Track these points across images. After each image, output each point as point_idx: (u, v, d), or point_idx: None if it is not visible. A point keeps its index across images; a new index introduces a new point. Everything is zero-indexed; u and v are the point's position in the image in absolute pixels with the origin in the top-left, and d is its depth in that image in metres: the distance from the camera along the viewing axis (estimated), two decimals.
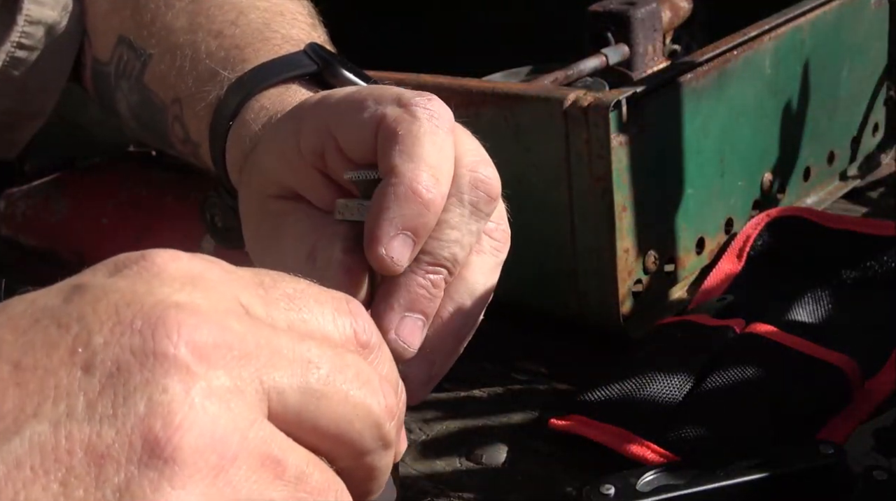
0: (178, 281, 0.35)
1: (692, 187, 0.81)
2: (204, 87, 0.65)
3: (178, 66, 0.68)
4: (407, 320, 0.49)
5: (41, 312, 0.35)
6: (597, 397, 0.70)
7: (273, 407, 0.35)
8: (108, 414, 0.32)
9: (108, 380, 0.32)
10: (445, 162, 0.48)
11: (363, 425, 0.37)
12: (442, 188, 0.48)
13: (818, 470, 0.61)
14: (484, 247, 0.52)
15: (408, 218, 0.47)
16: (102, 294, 0.34)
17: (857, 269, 0.82)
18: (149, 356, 0.33)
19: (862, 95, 0.99)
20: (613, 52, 0.89)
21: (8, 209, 0.95)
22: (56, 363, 0.33)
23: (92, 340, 0.33)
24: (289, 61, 0.63)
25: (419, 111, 0.48)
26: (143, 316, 0.33)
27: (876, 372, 0.71)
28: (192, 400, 0.32)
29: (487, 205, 0.50)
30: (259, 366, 0.34)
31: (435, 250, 0.49)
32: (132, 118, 0.75)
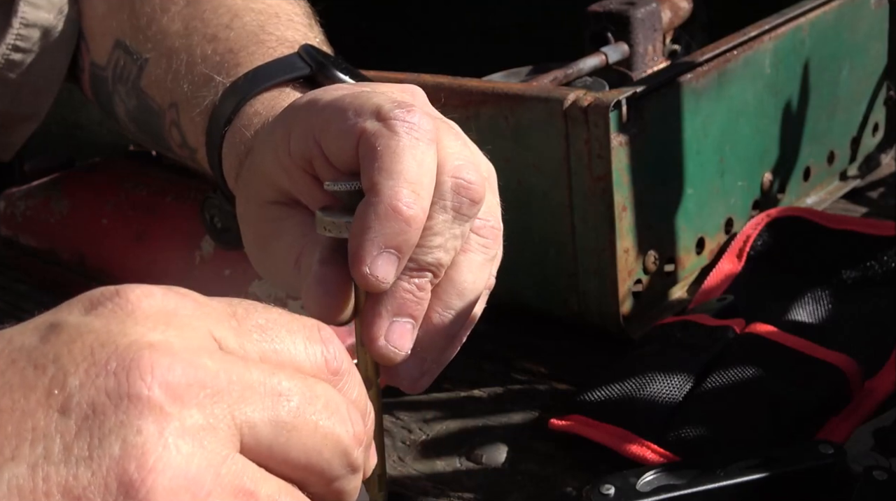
0: (152, 319, 0.36)
1: (692, 187, 0.81)
2: (199, 93, 0.65)
3: (174, 70, 0.68)
4: (395, 325, 0.49)
5: (18, 352, 0.35)
6: (597, 397, 0.70)
7: (245, 440, 0.35)
8: (84, 456, 0.33)
9: (84, 422, 0.33)
10: (426, 175, 0.48)
11: (332, 454, 0.38)
12: (423, 202, 0.48)
13: (818, 470, 0.61)
14: (471, 246, 0.52)
15: (390, 236, 0.47)
16: (77, 334, 0.35)
17: (857, 269, 0.82)
18: (123, 398, 0.33)
19: (862, 95, 0.99)
20: (613, 50, 0.89)
21: (8, 209, 0.95)
22: (33, 405, 0.33)
23: (68, 382, 0.33)
24: (282, 64, 0.63)
25: (398, 125, 0.48)
26: (118, 357, 0.34)
27: (876, 372, 0.71)
28: (165, 441, 0.33)
29: (471, 209, 0.50)
30: (231, 402, 0.35)
31: (419, 256, 0.49)
32: (130, 122, 0.75)
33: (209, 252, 0.79)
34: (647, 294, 0.80)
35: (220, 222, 0.75)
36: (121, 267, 0.86)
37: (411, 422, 0.74)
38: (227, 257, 0.77)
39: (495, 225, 0.53)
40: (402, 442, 0.72)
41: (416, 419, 0.74)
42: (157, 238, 0.83)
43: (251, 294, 0.75)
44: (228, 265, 0.77)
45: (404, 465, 0.70)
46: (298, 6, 0.72)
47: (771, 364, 0.69)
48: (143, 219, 0.85)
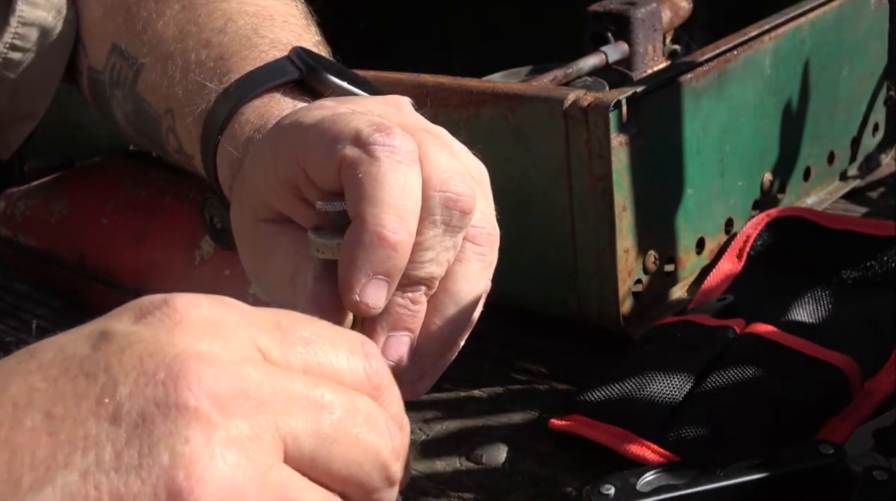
0: (199, 329, 0.37)
1: (692, 187, 0.81)
2: (193, 99, 0.65)
3: (169, 75, 0.67)
4: (392, 339, 0.50)
5: (70, 361, 0.36)
6: (597, 397, 0.70)
7: (289, 451, 0.36)
8: (133, 465, 0.33)
9: (134, 431, 0.34)
10: (409, 197, 0.48)
11: (371, 467, 0.38)
12: (408, 226, 0.48)
13: (818, 470, 0.61)
14: (467, 255, 0.51)
15: (377, 263, 0.48)
16: (127, 343, 0.36)
17: (857, 269, 0.82)
18: (171, 408, 0.34)
19: (862, 95, 0.99)
20: (613, 49, 0.89)
21: (8, 209, 0.95)
22: (85, 413, 0.34)
23: (118, 391, 0.34)
24: (272, 69, 0.62)
25: (377, 150, 0.48)
26: (166, 367, 0.35)
27: (876, 372, 0.71)
28: (212, 451, 0.34)
29: (462, 220, 0.50)
30: (275, 413, 0.36)
31: (411, 271, 0.49)
32: (128, 126, 0.75)
33: (209, 252, 0.79)
34: (647, 294, 0.80)
35: (219, 222, 0.75)
36: (121, 267, 0.86)
37: (411, 422, 0.74)
38: (227, 257, 0.77)
39: (491, 231, 0.52)
40: None
41: (416, 419, 0.74)
42: (157, 238, 0.83)
43: (251, 295, 0.75)
44: (228, 265, 0.77)
45: None
46: (295, 7, 0.71)
47: (771, 364, 0.69)
48: (143, 219, 0.85)
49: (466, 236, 0.51)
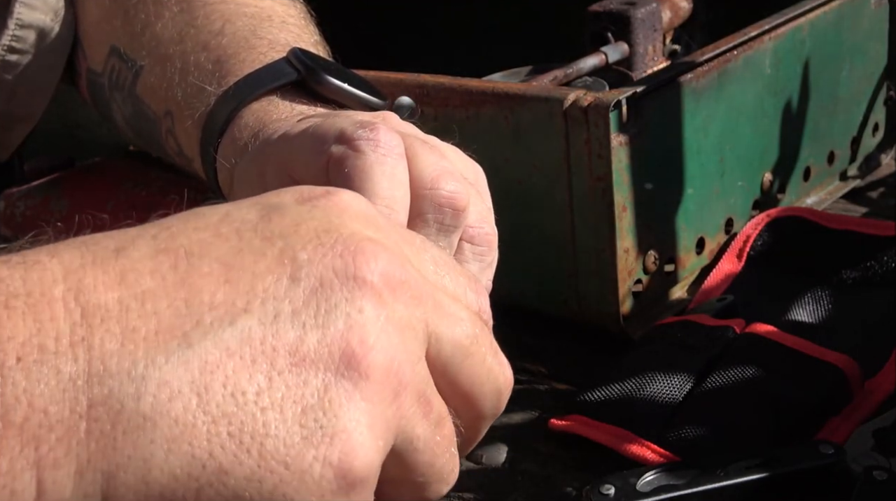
0: (363, 219, 0.39)
1: (692, 187, 0.81)
2: (192, 102, 0.65)
3: (168, 78, 0.67)
4: None
5: (242, 223, 0.38)
6: (597, 397, 0.70)
7: (430, 350, 0.38)
8: (311, 323, 0.35)
9: (312, 294, 0.36)
10: (398, 189, 0.48)
11: (490, 390, 0.41)
12: (398, 216, 0.48)
13: (818, 470, 0.61)
14: (465, 255, 0.51)
15: None
16: (300, 218, 0.38)
17: (857, 269, 0.82)
18: (349, 278, 0.36)
19: (862, 95, 0.99)
20: (613, 49, 0.89)
21: (8, 209, 0.95)
22: (263, 269, 0.36)
23: (297, 256, 0.36)
24: (270, 71, 0.62)
25: (362, 145, 0.48)
26: (343, 242, 0.37)
27: (876, 372, 0.71)
28: (382, 324, 0.36)
29: (455, 219, 0.49)
30: (426, 310, 0.38)
31: None
32: (128, 128, 0.75)
33: None
34: (647, 294, 0.80)
35: None
36: None
37: None
38: None
39: (489, 230, 0.52)
40: None
41: None
42: None
43: None
44: None
45: None
46: (294, 7, 0.71)
47: (771, 364, 0.69)
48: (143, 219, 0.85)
49: (463, 237, 0.51)
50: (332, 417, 0.35)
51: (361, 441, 0.35)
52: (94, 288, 0.36)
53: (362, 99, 0.60)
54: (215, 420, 0.34)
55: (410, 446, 0.38)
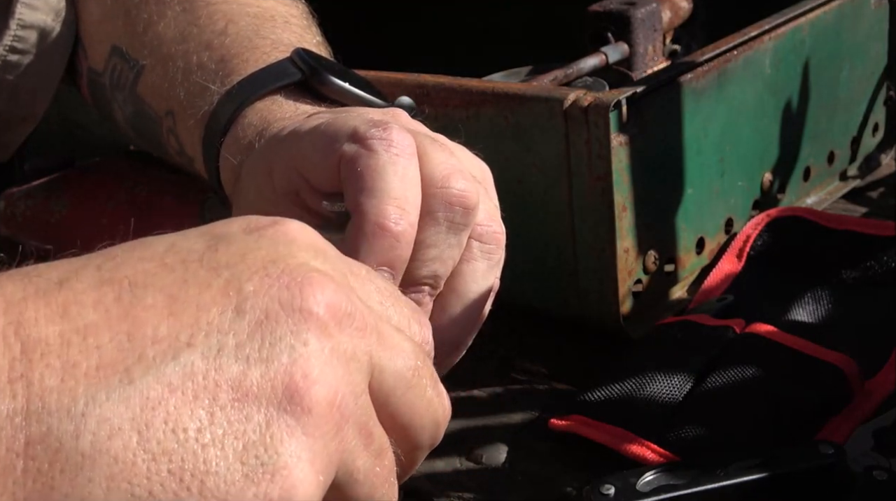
0: (311, 250, 0.38)
1: (692, 187, 0.81)
2: (195, 102, 0.65)
3: (170, 77, 0.67)
4: None
5: (187, 253, 0.37)
6: (597, 397, 0.70)
7: (373, 382, 0.38)
8: (255, 357, 0.35)
9: (257, 326, 0.35)
10: (410, 189, 0.48)
11: (429, 421, 0.40)
12: (410, 217, 0.48)
13: (818, 470, 0.61)
14: (473, 254, 0.51)
15: (380, 253, 0.47)
16: (247, 248, 0.37)
17: (857, 269, 0.82)
18: (295, 310, 0.36)
19: (862, 95, 0.99)
20: (613, 50, 0.89)
21: (8, 209, 0.95)
22: (208, 301, 0.35)
23: (243, 287, 0.36)
24: (274, 71, 0.62)
25: (375, 144, 0.48)
26: (290, 273, 0.36)
27: (876, 372, 0.71)
28: (326, 357, 0.36)
29: (465, 217, 0.49)
30: (370, 342, 0.37)
31: (414, 271, 0.49)
32: (129, 128, 0.75)
33: None
34: (647, 294, 0.80)
35: None
36: None
37: None
38: None
39: (497, 229, 0.52)
40: None
41: None
42: None
43: None
44: None
45: None
46: (296, 7, 0.71)
47: (771, 364, 0.69)
48: (143, 220, 0.85)
49: (472, 235, 0.51)
50: (273, 453, 0.34)
51: (302, 477, 0.35)
52: (36, 322, 0.35)
53: (365, 100, 0.60)
54: (156, 458, 0.33)
55: (351, 478, 0.38)
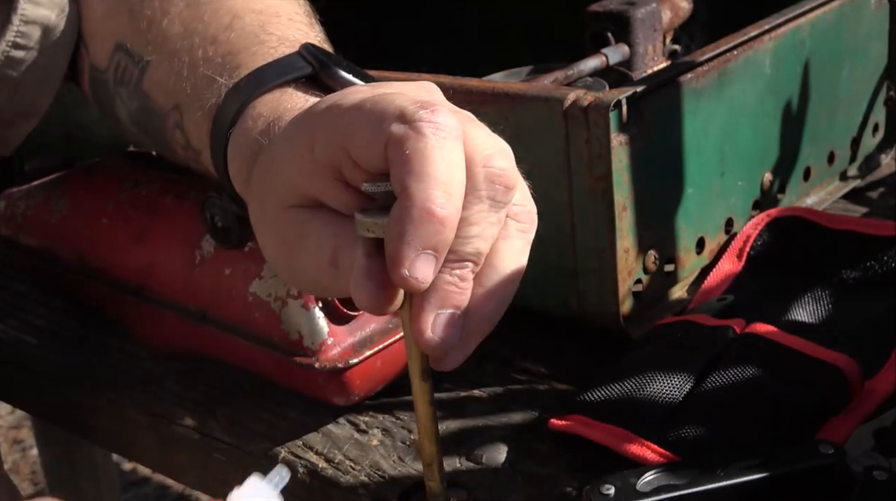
0: None
1: (692, 187, 0.81)
2: (202, 95, 0.65)
3: (175, 72, 0.68)
4: (441, 317, 0.50)
5: None
6: (597, 397, 0.70)
7: None
8: None
9: None
10: (456, 173, 0.49)
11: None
12: (455, 201, 0.48)
13: (818, 470, 0.61)
14: (510, 232, 0.52)
15: (425, 237, 0.48)
16: None
17: (857, 269, 0.82)
18: None
19: (862, 95, 0.99)
20: (613, 51, 0.89)
21: (8, 209, 0.95)
22: None
23: None
24: (284, 64, 0.63)
25: (424, 126, 0.48)
26: None
27: (876, 372, 0.71)
28: None
29: (505, 195, 0.50)
30: None
31: (458, 247, 0.49)
32: (132, 124, 0.75)
33: (209, 251, 0.79)
34: (647, 294, 0.80)
35: (220, 221, 0.75)
36: (121, 267, 0.86)
37: (411, 422, 0.74)
38: (227, 256, 0.77)
39: (531, 208, 0.53)
40: (402, 442, 0.72)
41: None
42: (157, 238, 0.83)
43: (251, 293, 0.75)
44: (228, 264, 0.77)
45: (404, 465, 0.70)
46: (298, 5, 0.72)
47: (771, 364, 0.69)
48: (143, 219, 0.85)
49: (509, 214, 0.52)
50: None
51: None
52: None
53: None
54: None
55: None
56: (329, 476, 0.71)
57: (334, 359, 0.71)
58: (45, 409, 0.94)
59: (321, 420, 0.75)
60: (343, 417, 0.75)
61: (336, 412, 0.76)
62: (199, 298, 0.79)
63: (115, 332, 0.89)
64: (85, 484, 1.61)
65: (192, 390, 0.81)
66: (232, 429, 0.77)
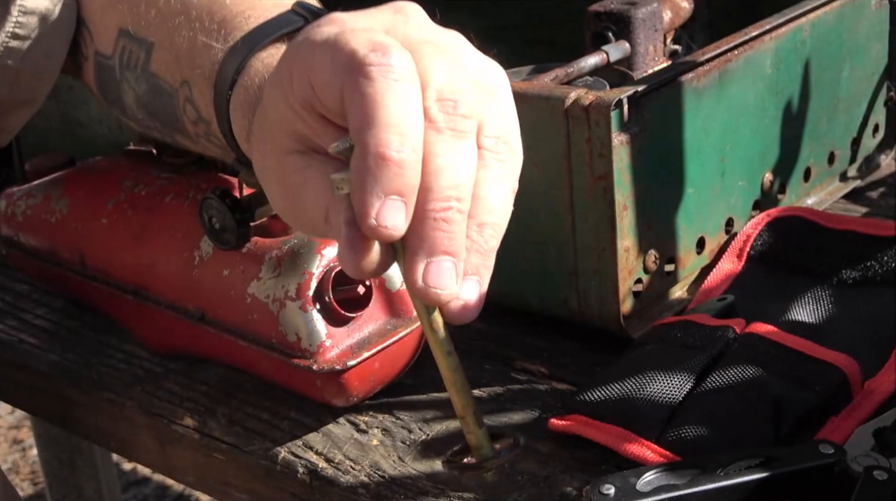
0: None
1: (693, 187, 0.81)
2: (202, 63, 0.66)
3: (178, 48, 0.68)
4: (431, 265, 0.48)
5: None
6: (597, 397, 0.70)
7: None
8: None
9: None
10: (410, 113, 0.48)
11: None
12: (411, 142, 0.47)
13: (818, 470, 0.61)
14: (487, 162, 0.50)
15: (386, 183, 0.47)
16: None
17: (857, 269, 0.82)
18: None
19: (862, 96, 0.99)
20: (614, 49, 0.89)
21: (8, 208, 0.95)
22: None
23: None
24: (278, 22, 0.63)
25: (373, 71, 0.48)
26: None
27: (876, 372, 0.71)
28: None
29: (465, 123, 0.49)
30: None
31: (431, 183, 0.48)
32: (140, 108, 0.75)
33: (208, 252, 0.79)
34: (648, 293, 0.80)
35: (218, 223, 0.75)
36: (121, 266, 0.86)
37: (411, 422, 0.74)
38: (226, 257, 0.77)
39: (506, 138, 0.51)
40: (402, 442, 0.72)
41: (416, 419, 0.74)
42: (157, 238, 0.83)
43: (249, 295, 0.75)
44: (227, 265, 0.77)
45: (404, 465, 0.70)
46: None
47: (771, 364, 0.69)
48: (142, 219, 0.85)
49: (481, 145, 0.50)
50: None
51: None
52: None
53: None
54: None
55: None
56: (329, 476, 0.70)
57: (332, 361, 0.71)
58: (45, 409, 0.94)
59: (321, 420, 0.75)
60: (343, 417, 0.75)
61: (336, 412, 0.76)
62: (197, 299, 0.79)
63: (115, 332, 0.89)
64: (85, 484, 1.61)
65: (191, 390, 0.81)
66: (232, 429, 0.77)
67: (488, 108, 0.51)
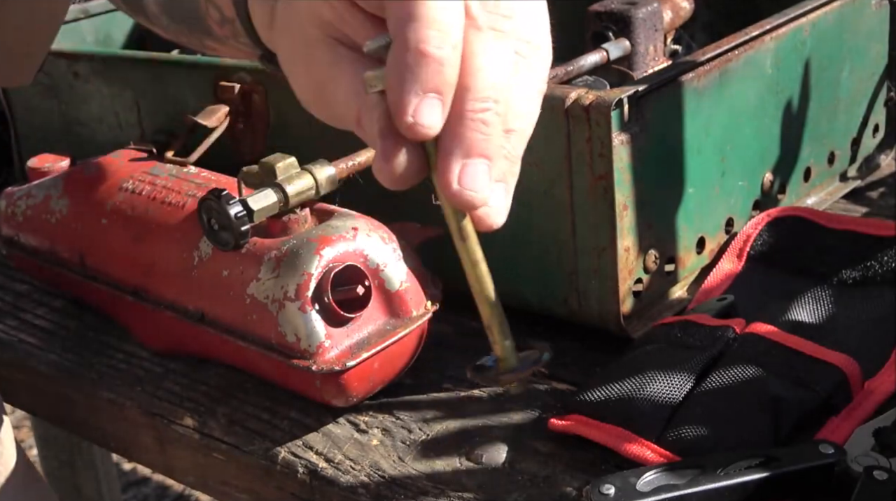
0: None
1: (693, 186, 0.81)
2: None
3: None
4: (467, 167, 0.47)
5: None
6: (597, 397, 0.70)
7: None
8: None
9: None
10: (451, 10, 0.47)
11: None
12: (452, 39, 0.46)
13: (818, 470, 0.61)
14: (519, 66, 0.49)
15: (425, 80, 0.46)
16: None
17: (857, 269, 0.82)
18: None
19: (862, 96, 0.99)
20: (614, 47, 0.89)
21: (8, 208, 0.95)
22: None
23: None
24: None
25: None
26: None
27: (876, 372, 0.71)
28: None
29: (506, 23, 0.48)
30: None
31: (470, 83, 0.47)
32: (163, 14, 0.73)
33: (207, 253, 0.79)
34: (648, 293, 0.80)
35: (216, 224, 0.75)
36: (121, 267, 0.86)
37: (411, 422, 0.74)
38: (225, 258, 0.77)
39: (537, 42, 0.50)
40: (402, 442, 0.72)
41: (416, 419, 0.74)
42: (157, 238, 0.83)
43: (249, 295, 0.75)
44: (227, 266, 0.77)
45: (404, 465, 0.70)
46: None
47: (771, 364, 0.69)
48: (142, 220, 0.85)
49: (517, 51, 0.49)
50: None
51: None
52: None
53: None
54: None
55: None
56: (329, 476, 0.70)
57: (331, 362, 0.71)
58: (45, 409, 0.94)
59: (321, 420, 0.75)
60: (343, 417, 0.75)
61: (336, 412, 0.76)
62: (197, 299, 0.79)
63: (115, 332, 0.89)
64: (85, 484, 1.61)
65: (191, 390, 0.81)
66: (232, 429, 0.77)
67: (522, 9, 0.50)
